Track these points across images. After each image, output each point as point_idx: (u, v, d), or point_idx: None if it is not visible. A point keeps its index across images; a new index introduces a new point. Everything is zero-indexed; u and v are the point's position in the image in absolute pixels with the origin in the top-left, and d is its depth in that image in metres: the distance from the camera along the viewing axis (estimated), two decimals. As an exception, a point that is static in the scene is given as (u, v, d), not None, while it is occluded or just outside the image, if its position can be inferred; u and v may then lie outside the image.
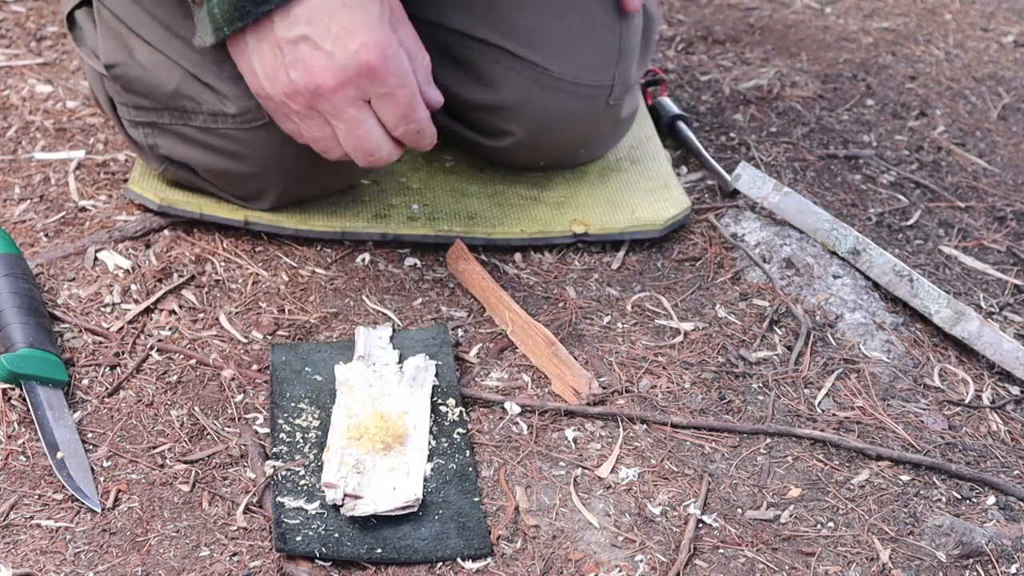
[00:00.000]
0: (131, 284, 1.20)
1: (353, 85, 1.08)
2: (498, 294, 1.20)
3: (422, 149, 1.17)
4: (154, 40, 1.19)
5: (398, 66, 1.08)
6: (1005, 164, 1.62)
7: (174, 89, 1.19)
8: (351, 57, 1.06)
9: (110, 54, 1.21)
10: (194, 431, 1.05)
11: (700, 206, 1.40)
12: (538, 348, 1.15)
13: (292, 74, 1.08)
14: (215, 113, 1.19)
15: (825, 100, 1.72)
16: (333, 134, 1.12)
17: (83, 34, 1.27)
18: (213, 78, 1.17)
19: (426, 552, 0.94)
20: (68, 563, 0.92)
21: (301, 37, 1.07)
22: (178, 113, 1.21)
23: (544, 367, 1.14)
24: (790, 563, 0.97)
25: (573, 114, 1.31)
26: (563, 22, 1.28)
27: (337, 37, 1.06)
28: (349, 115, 1.10)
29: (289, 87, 1.09)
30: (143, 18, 1.19)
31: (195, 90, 1.19)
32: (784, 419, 1.12)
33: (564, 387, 1.12)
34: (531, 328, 1.16)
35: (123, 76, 1.21)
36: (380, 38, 1.07)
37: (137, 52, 1.20)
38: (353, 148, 1.13)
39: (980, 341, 1.21)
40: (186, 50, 1.17)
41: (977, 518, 1.03)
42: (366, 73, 1.07)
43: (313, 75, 1.08)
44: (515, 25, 1.28)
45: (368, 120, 1.11)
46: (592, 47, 1.29)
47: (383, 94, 1.09)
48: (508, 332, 1.18)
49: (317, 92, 1.08)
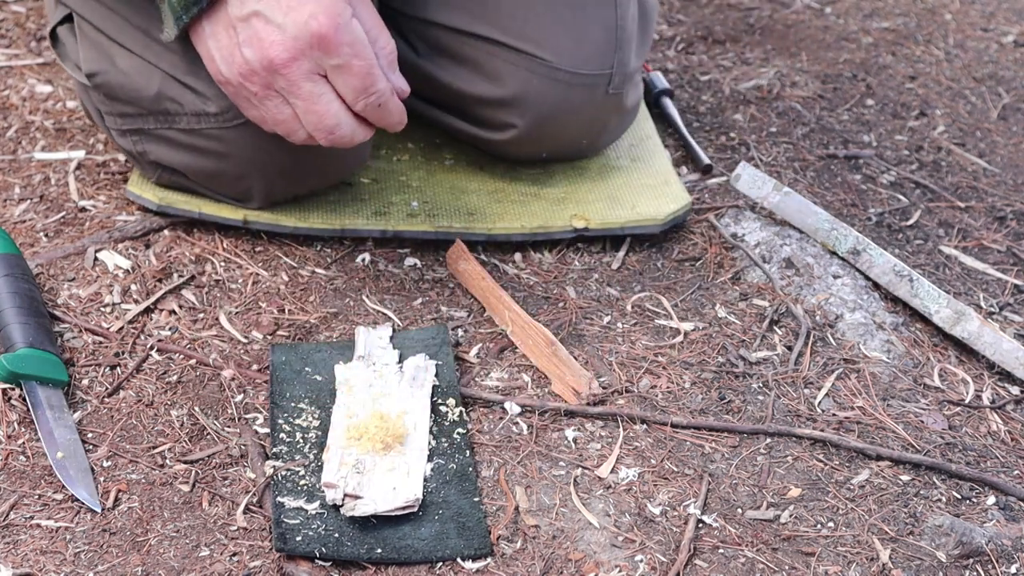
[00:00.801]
0: (131, 284, 1.20)
1: (306, 57, 1.07)
2: (498, 294, 1.20)
3: (391, 127, 1.15)
4: (133, 46, 1.20)
5: (351, 35, 1.07)
6: (1005, 164, 1.62)
7: (156, 92, 1.20)
8: (301, 28, 1.05)
9: (91, 63, 1.22)
10: (194, 431, 1.05)
11: (700, 206, 1.40)
12: (538, 348, 1.15)
13: (246, 52, 1.08)
14: (197, 113, 1.19)
15: (825, 100, 1.72)
16: (294, 114, 1.11)
17: (66, 50, 1.29)
18: (192, 78, 1.18)
19: (426, 552, 0.94)
20: (68, 563, 0.92)
21: (252, 13, 1.06)
22: (162, 117, 1.21)
23: (544, 367, 1.14)
24: (790, 563, 0.97)
25: (573, 104, 1.31)
26: (557, 12, 1.29)
27: (288, 8, 1.05)
28: (305, 90, 1.08)
29: (244, 67, 1.08)
30: (121, 26, 1.20)
31: (176, 91, 1.19)
32: (784, 419, 1.12)
33: (564, 387, 1.12)
34: (531, 328, 1.16)
35: (105, 84, 1.22)
36: (330, 7, 1.05)
37: (118, 59, 1.21)
38: (313, 126, 1.11)
39: (980, 341, 1.21)
40: (165, 53, 1.18)
41: (977, 518, 1.03)
42: (318, 43, 1.06)
43: (265, 50, 1.07)
44: (510, 18, 1.28)
45: (325, 95, 1.09)
46: (588, 36, 1.29)
47: (338, 65, 1.08)
48: (508, 332, 1.18)
49: (271, 68, 1.07)
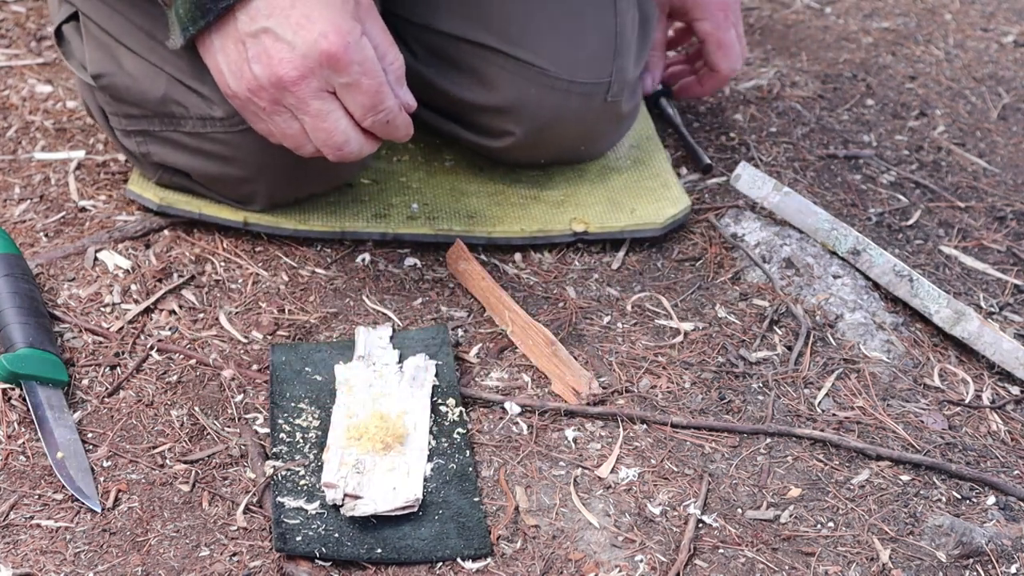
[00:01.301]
0: (131, 284, 1.20)
1: (316, 75, 1.06)
2: (498, 294, 1.20)
3: (397, 140, 1.15)
4: (139, 49, 1.20)
5: (361, 54, 1.06)
6: (1005, 164, 1.62)
7: (162, 95, 1.19)
8: (311, 46, 1.05)
9: (98, 65, 1.22)
10: (194, 431, 1.05)
11: (700, 206, 1.40)
12: (538, 348, 1.15)
13: (255, 68, 1.07)
14: (203, 117, 1.19)
15: (825, 100, 1.72)
16: (302, 129, 1.11)
17: (71, 48, 1.28)
18: (198, 82, 1.17)
19: (426, 552, 0.94)
20: (68, 563, 0.92)
21: (262, 30, 1.06)
22: (168, 119, 1.21)
23: (544, 367, 1.14)
24: (790, 563, 0.97)
25: (571, 112, 1.31)
26: (556, 21, 1.28)
27: (298, 26, 1.05)
28: (315, 108, 1.08)
29: (253, 82, 1.08)
30: (128, 28, 1.20)
31: (182, 95, 1.19)
32: (784, 419, 1.12)
33: (564, 387, 1.12)
34: (531, 328, 1.16)
35: (111, 86, 1.22)
36: (340, 25, 1.05)
37: (124, 61, 1.21)
38: (321, 142, 1.11)
39: (980, 341, 1.21)
40: (171, 56, 1.17)
41: (977, 518, 1.03)
42: (327, 62, 1.06)
43: (274, 67, 1.06)
44: (508, 25, 1.28)
45: (334, 112, 1.09)
46: (587, 44, 1.29)
47: (347, 84, 1.07)
48: (508, 332, 1.18)
49: (280, 85, 1.07)
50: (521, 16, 1.28)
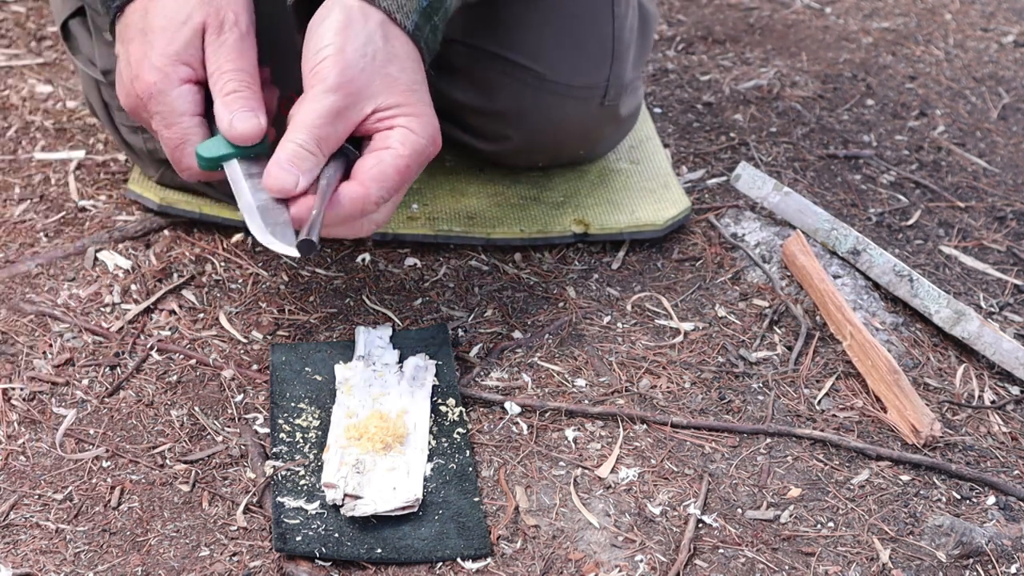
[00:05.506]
0: (131, 284, 1.21)
1: (140, 107, 1.07)
2: (838, 302, 1.18)
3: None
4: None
5: (160, 107, 1.04)
6: (1005, 164, 1.62)
7: None
8: (130, 86, 1.06)
9: (107, 60, 1.22)
10: (194, 431, 1.05)
11: (700, 206, 1.40)
12: (878, 373, 1.13)
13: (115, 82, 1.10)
14: None
15: (825, 100, 1.72)
16: None
17: (78, 43, 1.28)
18: None
19: (426, 552, 0.94)
20: (68, 563, 0.92)
21: (120, 50, 1.08)
22: None
23: (881, 393, 1.13)
24: (790, 563, 0.97)
25: (568, 116, 1.30)
26: (553, 24, 1.28)
27: (127, 63, 1.06)
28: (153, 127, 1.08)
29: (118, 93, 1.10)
30: None
31: None
32: (784, 419, 1.12)
33: (901, 420, 1.10)
34: (873, 349, 1.14)
35: None
36: (148, 77, 1.04)
37: None
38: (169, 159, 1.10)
39: (980, 341, 1.21)
40: None
41: (977, 518, 1.03)
42: (137, 106, 1.06)
43: (120, 88, 1.08)
44: (505, 30, 1.27)
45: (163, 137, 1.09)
46: (584, 49, 1.29)
47: (155, 129, 1.07)
48: (845, 346, 1.17)
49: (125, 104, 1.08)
50: (518, 21, 1.28)
